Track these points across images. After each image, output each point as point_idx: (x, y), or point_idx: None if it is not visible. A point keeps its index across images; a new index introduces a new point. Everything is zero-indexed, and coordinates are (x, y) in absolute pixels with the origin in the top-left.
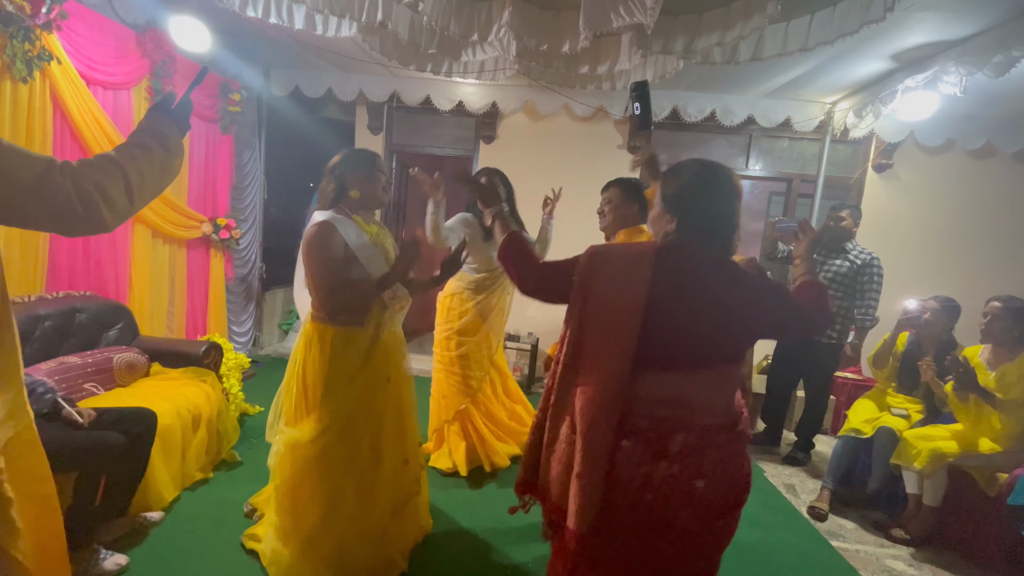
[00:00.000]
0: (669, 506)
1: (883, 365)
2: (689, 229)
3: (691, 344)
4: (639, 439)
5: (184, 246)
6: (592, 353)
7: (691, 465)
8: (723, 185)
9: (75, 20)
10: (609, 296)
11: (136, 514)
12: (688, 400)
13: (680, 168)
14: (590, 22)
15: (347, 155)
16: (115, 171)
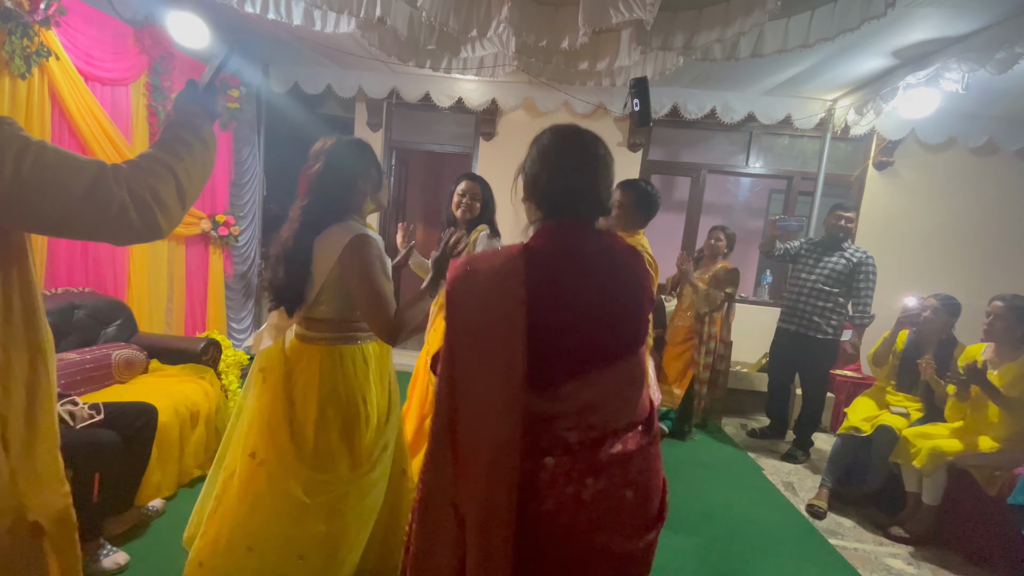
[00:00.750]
0: (601, 527)
1: (883, 363)
2: (551, 211)
3: (594, 339)
4: (567, 455)
5: (183, 243)
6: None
7: (619, 475)
8: (568, 147)
9: (73, 16)
10: (481, 315)
11: (141, 506)
12: (603, 402)
13: (533, 140)
14: (589, 18)
15: (353, 154)
16: (166, 174)
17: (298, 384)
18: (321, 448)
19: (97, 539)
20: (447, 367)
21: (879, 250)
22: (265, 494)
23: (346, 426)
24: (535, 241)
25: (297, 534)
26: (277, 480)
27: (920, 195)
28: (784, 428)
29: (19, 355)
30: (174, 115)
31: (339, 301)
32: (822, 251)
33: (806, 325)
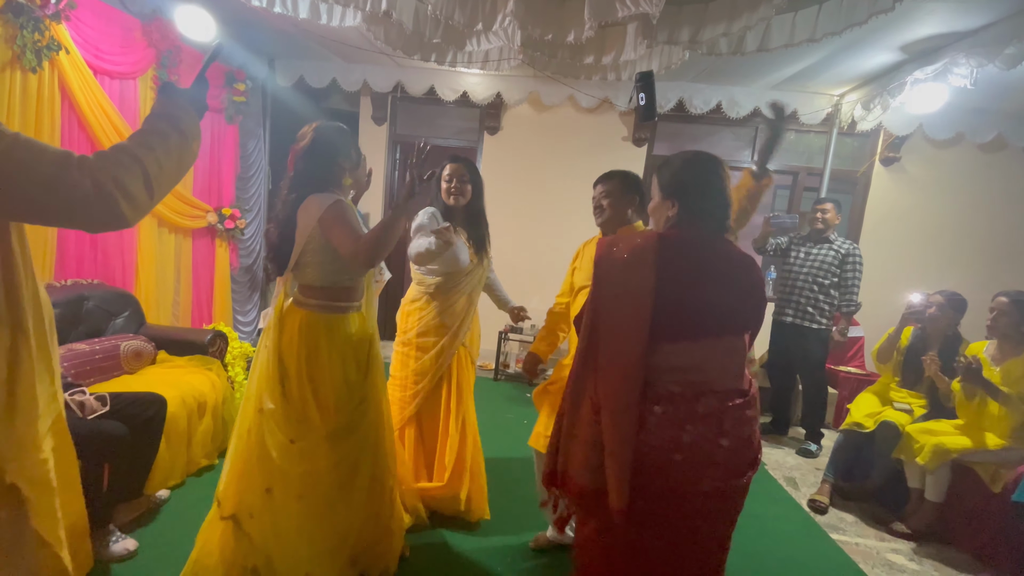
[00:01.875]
0: (696, 466)
1: (887, 359)
2: (688, 212)
3: (703, 316)
4: (670, 403)
5: (189, 235)
6: (607, 336)
7: (714, 426)
8: (714, 169)
9: (83, 10)
10: (618, 286)
11: (151, 495)
12: (709, 367)
13: (672, 159)
14: (595, 11)
15: (332, 136)
16: (133, 164)
17: (284, 343)
18: (296, 398)
19: (107, 526)
20: (591, 313)
21: (885, 246)
22: (271, 441)
23: (317, 385)
24: (668, 232)
25: (293, 475)
26: (278, 428)
27: (927, 191)
28: (786, 424)
29: (1, 332)
30: (156, 106)
31: (322, 264)
32: (811, 244)
33: (801, 315)
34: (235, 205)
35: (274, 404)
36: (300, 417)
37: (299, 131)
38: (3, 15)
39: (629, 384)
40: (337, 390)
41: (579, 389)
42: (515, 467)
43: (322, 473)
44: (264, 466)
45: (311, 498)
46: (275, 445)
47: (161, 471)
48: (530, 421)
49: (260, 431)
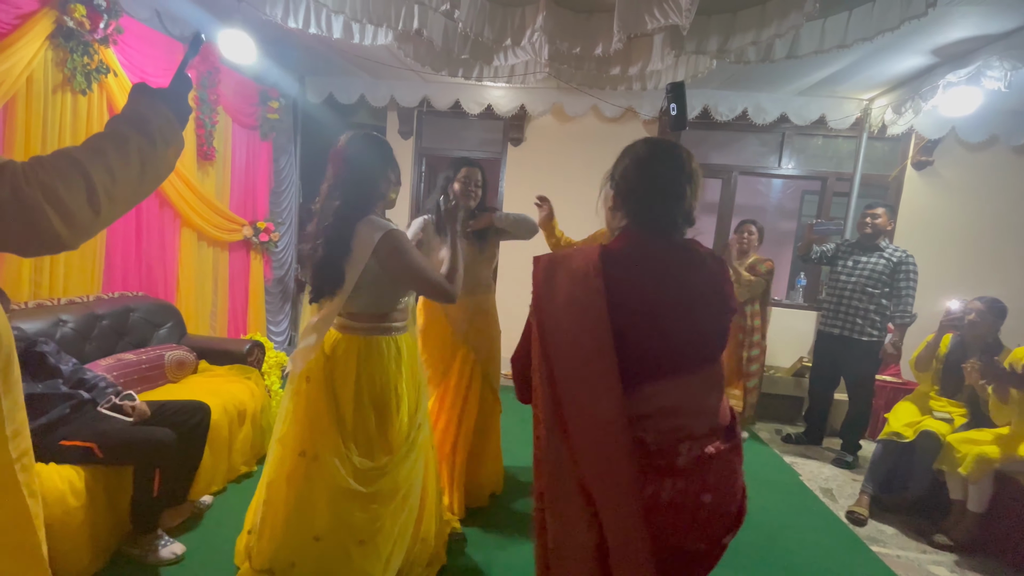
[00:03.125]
0: (677, 528)
1: (926, 368)
2: (631, 214)
3: (669, 346)
4: (644, 455)
5: (226, 249)
6: (575, 389)
7: (697, 479)
8: (664, 158)
9: (128, 34)
10: (568, 317)
11: (195, 500)
12: (684, 407)
13: (624, 150)
14: (624, 24)
15: (379, 147)
16: (73, 173)
17: (337, 373)
18: (360, 436)
19: (155, 531)
20: (543, 361)
21: (919, 251)
22: (321, 486)
23: (379, 414)
24: (614, 244)
25: (354, 521)
26: (329, 472)
27: (962, 195)
28: (821, 435)
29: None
30: (124, 108)
31: (375, 294)
32: (860, 252)
33: (849, 327)
34: (269, 219)
35: (328, 446)
36: (365, 453)
37: (333, 139)
38: (54, 40)
39: (616, 442)
40: (400, 416)
41: (556, 472)
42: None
43: (385, 513)
44: (312, 513)
45: (373, 543)
46: (329, 490)
47: (204, 477)
48: None
49: (306, 476)
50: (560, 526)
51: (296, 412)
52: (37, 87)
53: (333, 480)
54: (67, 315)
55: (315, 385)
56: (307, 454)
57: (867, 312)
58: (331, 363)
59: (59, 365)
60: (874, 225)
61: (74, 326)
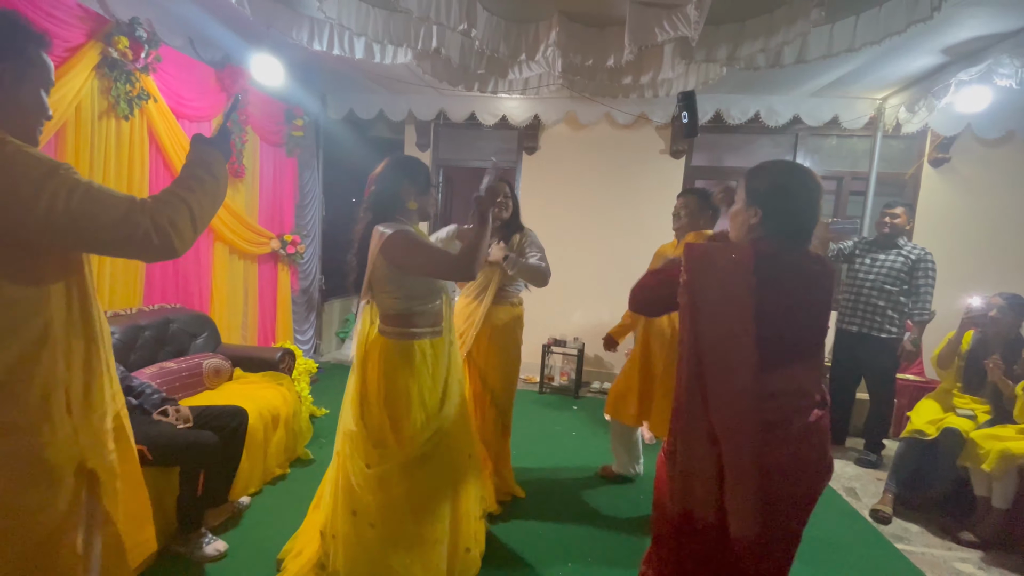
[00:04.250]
0: (797, 481)
1: (948, 365)
2: (775, 224)
3: (796, 337)
4: (767, 428)
5: (256, 261)
6: (715, 358)
7: (806, 442)
8: (805, 180)
9: (166, 62)
10: (720, 304)
11: (234, 501)
12: (800, 388)
13: (766, 166)
14: (635, 37)
15: (403, 164)
16: (182, 206)
17: (368, 368)
18: (375, 425)
19: (199, 529)
20: (691, 335)
21: (937, 248)
22: (351, 466)
23: (394, 410)
24: (762, 247)
25: (370, 502)
26: (357, 453)
27: (980, 191)
28: (844, 434)
29: (77, 342)
30: (191, 155)
31: (392, 293)
32: (878, 249)
33: (868, 324)
34: (295, 232)
35: (356, 428)
36: (377, 442)
37: (362, 167)
38: (100, 70)
39: (747, 404)
40: (412, 418)
41: (690, 421)
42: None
43: (396, 502)
44: (348, 488)
45: (383, 527)
46: (354, 469)
47: (242, 479)
48: (579, 434)
49: (344, 453)
50: (688, 454)
51: (346, 394)
52: (85, 114)
53: (356, 459)
54: (113, 326)
55: (355, 369)
56: (347, 433)
57: (885, 309)
58: (366, 354)
59: None
60: (893, 224)
61: (120, 337)
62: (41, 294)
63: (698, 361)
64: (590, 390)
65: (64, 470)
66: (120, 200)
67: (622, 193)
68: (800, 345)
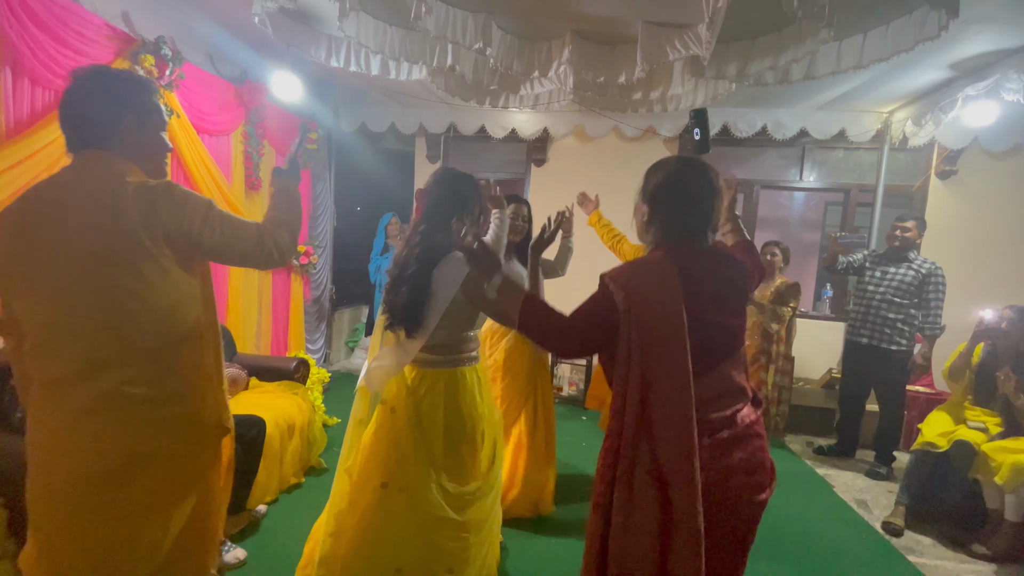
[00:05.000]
0: (748, 486)
1: (959, 377)
2: (663, 223)
3: (722, 337)
4: (712, 431)
5: (270, 272)
6: (664, 387)
7: (751, 445)
8: (695, 179)
9: (188, 78)
10: (659, 323)
11: (251, 509)
12: (731, 387)
13: (659, 164)
14: (647, 55)
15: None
16: (286, 227)
17: (424, 408)
18: (451, 464)
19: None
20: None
21: (945, 260)
22: (408, 518)
23: (467, 441)
24: (677, 252)
25: (447, 549)
26: (419, 503)
27: (988, 203)
28: (854, 446)
29: (211, 332)
30: (277, 184)
31: (455, 326)
32: (888, 262)
33: (879, 337)
34: (308, 243)
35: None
36: (456, 478)
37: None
38: None
39: (692, 426)
40: (487, 442)
41: (633, 464)
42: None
43: (475, 541)
44: (392, 544)
45: (462, 572)
46: (418, 520)
47: (259, 488)
48: (588, 443)
49: (387, 509)
50: (629, 505)
51: (377, 443)
52: None
53: (425, 509)
54: None
55: (401, 417)
56: (390, 486)
57: (895, 322)
58: (415, 397)
59: None
60: (904, 237)
61: None
62: (192, 293)
63: (645, 389)
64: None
65: (213, 428)
66: (251, 226)
67: (630, 205)
68: (725, 344)
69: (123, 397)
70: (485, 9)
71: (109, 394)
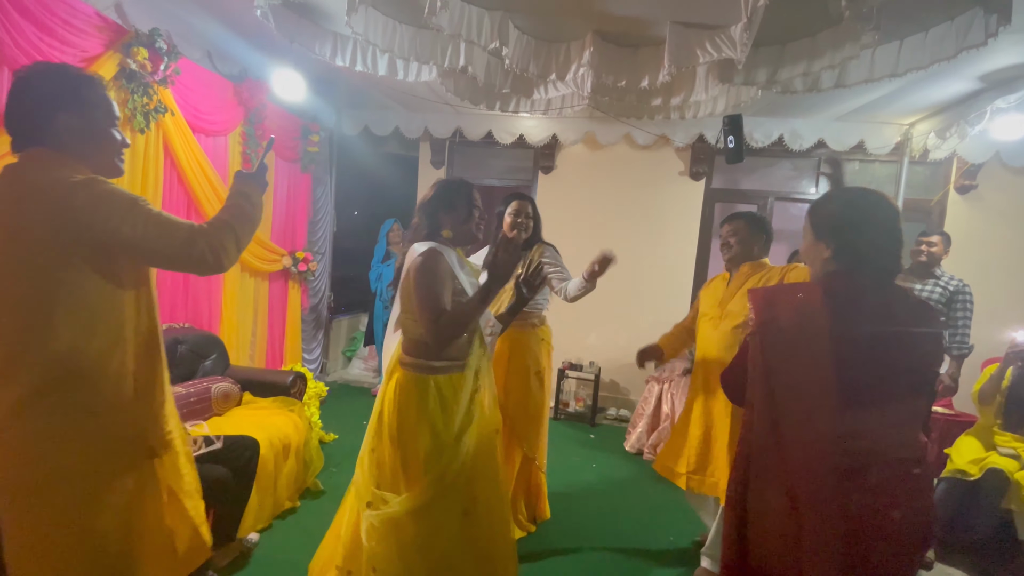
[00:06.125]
0: (862, 539)
1: (989, 401)
2: (849, 258)
3: (872, 379)
4: (842, 471)
5: (267, 279)
6: (792, 410)
7: (884, 497)
8: (878, 205)
9: (184, 74)
10: (793, 346)
11: (242, 538)
12: (878, 434)
13: (832, 196)
14: (676, 58)
15: (440, 189)
16: (230, 232)
17: (386, 400)
18: (387, 468)
19: (206, 572)
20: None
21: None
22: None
23: (405, 451)
24: (830, 282)
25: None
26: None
27: (1008, 219)
28: None
29: (142, 342)
30: (235, 187)
31: (413, 314)
32: (914, 279)
33: None
34: (307, 248)
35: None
36: (381, 481)
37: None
38: (117, 81)
39: (826, 456)
40: (419, 462)
41: (763, 471)
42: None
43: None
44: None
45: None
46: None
47: (251, 515)
48: (599, 465)
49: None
50: (762, 509)
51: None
52: None
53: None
54: None
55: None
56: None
57: None
58: (384, 386)
59: None
60: (930, 253)
61: None
62: (117, 298)
63: (771, 405)
64: (606, 417)
65: (128, 444)
66: (183, 226)
67: (640, 215)
68: (877, 389)
69: (34, 407)
70: (503, 7)
71: (21, 402)
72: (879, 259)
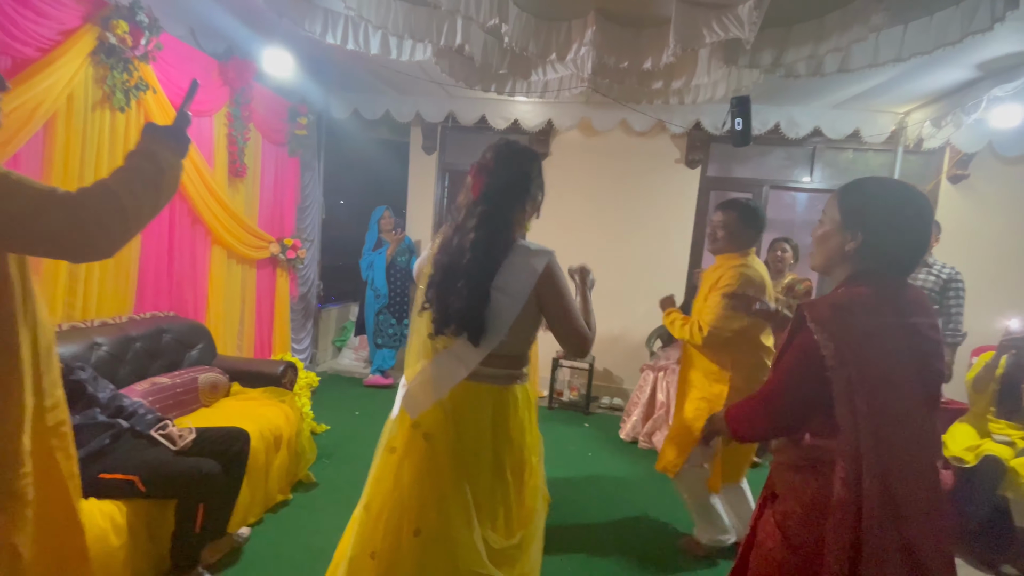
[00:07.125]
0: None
1: (983, 389)
2: (877, 253)
3: (929, 377)
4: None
5: (254, 266)
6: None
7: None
8: (924, 206)
9: (167, 51)
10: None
11: (233, 533)
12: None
13: (868, 182)
14: (681, 38)
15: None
16: (110, 199)
17: (466, 432)
18: (498, 506)
19: (196, 568)
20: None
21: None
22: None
23: (516, 477)
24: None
25: None
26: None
27: (1000, 208)
28: None
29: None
30: (138, 144)
31: (526, 332)
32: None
33: None
34: (295, 236)
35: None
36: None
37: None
38: (95, 56)
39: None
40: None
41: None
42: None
43: None
44: None
45: None
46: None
47: (241, 508)
48: (595, 454)
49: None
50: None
51: (408, 478)
52: (77, 104)
53: (466, 566)
54: (101, 337)
55: (438, 445)
56: (424, 535)
57: None
58: (455, 418)
59: (96, 393)
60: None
61: (109, 349)
62: None
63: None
64: (600, 405)
65: None
66: (36, 192)
67: (635, 202)
68: (918, 393)
69: None
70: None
71: None
72: (907, 259)
